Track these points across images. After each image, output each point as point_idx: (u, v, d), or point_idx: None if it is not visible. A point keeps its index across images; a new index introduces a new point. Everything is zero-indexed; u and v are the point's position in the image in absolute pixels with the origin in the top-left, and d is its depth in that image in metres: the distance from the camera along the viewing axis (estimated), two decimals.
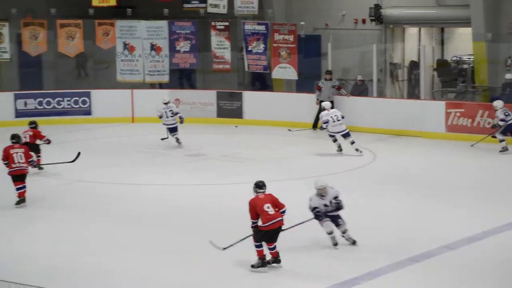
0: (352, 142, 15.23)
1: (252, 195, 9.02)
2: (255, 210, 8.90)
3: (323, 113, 15.42)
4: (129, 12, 19.66)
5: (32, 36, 19.28)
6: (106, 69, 20.62)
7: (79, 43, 19.41)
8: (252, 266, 8.91)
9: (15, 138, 12.06)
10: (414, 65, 20.18)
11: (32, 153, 12.80)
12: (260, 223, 8.91)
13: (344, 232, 9.63)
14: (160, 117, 16.37)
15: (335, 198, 9.54)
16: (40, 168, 13.82)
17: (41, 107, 19.12)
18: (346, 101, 18.04)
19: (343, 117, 15.25)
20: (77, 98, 19.29)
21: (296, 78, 19.21)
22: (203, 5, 19.26)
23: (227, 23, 19.43)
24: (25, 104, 19.05)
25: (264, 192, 9.05)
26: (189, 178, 13.68)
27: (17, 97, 19.02)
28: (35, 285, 7.32)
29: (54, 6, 19.54)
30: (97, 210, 11.66)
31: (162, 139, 16.37)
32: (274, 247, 8.95)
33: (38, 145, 14.06)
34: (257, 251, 8.92)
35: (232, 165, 14.78)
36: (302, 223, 9.50)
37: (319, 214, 9.49)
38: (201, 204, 11.81)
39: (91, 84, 20.39)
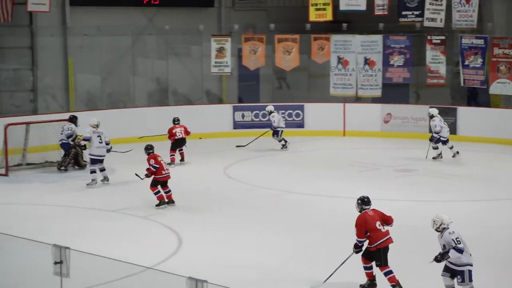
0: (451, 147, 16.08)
1: (355, 211, 8.69)
2: (365, 228, 8.43)
3: (436, 120, 15.88)
4: (344, 27, 19.86)
5: (251, 51, 19.98)
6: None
7: (295, 57, 19.88)
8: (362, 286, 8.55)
9: (152, 148, 12.77)
10: None
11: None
12: (367, 243, 8.50)
13: None
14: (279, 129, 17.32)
15: (446, 246, 8.01)
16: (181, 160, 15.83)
17: (257, 119, 19.72)
18: None
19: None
20: (291, 111, 19.75)
21: None
22: (420, 19, 18.96)
23: (443, 37, 18.99)
24: (243, 116, 19.80)
25: (370, 208, 8.66)
26: (396, 194, 13.47)
27: (235, 109, 19.79)
28: None
29: (273, 21, 20.26)
30: (307, 222, 11.77)
31: (239, 146, 17.26)
32: (389, 272, 8.37)
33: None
34: (367, 273, 8.50)
35: (441, 182, 14.40)
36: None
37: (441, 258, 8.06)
38: (410, 222, 11.51)
39: (304, 97, 20.83)
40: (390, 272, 8.39)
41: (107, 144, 14.14)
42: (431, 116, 16.07)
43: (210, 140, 18.76)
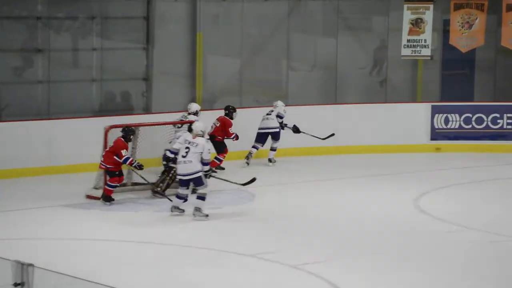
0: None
1: None
2: None
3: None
4: None
5: (464, 24, 16.49)
6: None
7: None
8: None
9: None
10: None
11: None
12: None
13: None
14: None
15: None
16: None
17: (468, 126, 16.50)
18: None
19: None
20: None
21: None
22: None
23: None
24: (446, 121, 16.49)
25: None
26: None
27: (435, 111, 16.45)
28: None
29: None
30: None
31: None
32: None
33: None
34: None
35: None
36: None
37: None
38: None
39: None
40: None
41: None
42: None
43: (397, 155, 16.02)
